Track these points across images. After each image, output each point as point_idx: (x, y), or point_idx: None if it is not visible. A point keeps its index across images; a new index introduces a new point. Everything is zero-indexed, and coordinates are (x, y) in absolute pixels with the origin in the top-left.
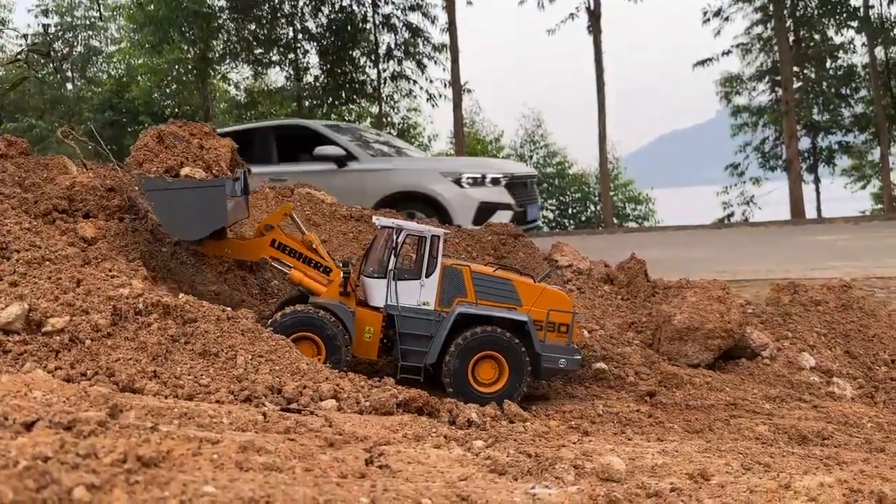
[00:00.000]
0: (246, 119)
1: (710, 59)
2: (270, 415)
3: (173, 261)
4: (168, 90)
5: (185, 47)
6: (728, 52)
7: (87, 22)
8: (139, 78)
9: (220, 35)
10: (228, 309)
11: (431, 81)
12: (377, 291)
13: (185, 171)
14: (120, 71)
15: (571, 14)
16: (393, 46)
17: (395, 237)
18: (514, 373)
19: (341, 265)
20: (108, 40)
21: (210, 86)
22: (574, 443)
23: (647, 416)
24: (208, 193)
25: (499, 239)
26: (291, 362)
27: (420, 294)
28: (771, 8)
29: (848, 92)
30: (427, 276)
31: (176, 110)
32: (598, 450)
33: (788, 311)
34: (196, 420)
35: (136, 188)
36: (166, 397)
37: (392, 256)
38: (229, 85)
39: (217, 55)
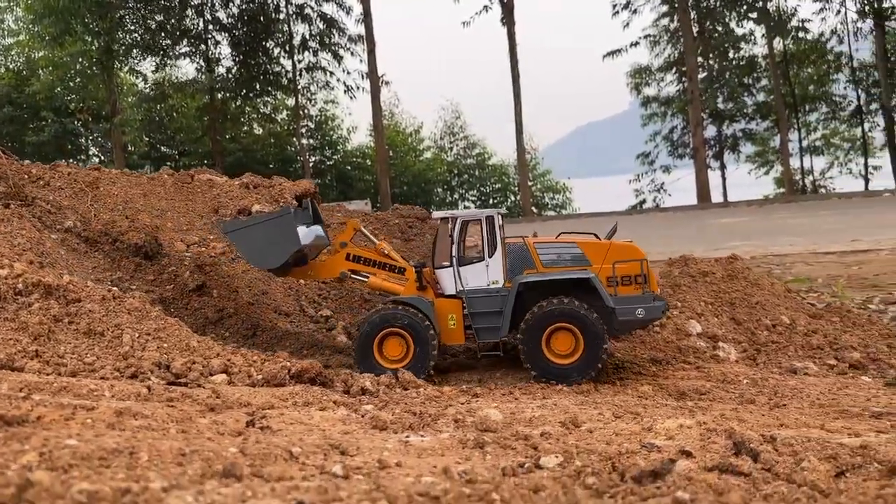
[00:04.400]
0: (155, 113)
1: (618, 50)
2: (155, 388)
3: (64, 247)
4: (72, 84)
5: (89, 39)
6: (636, 44)
7: None
8: (40, 71)
9: (125, 26)
10: (115, 289)
11: (349, 73)
12: (449, 280)
13: (255, 207)
14: (19, 64)
15: (485, 6)
16: (308, 37)
17: (451, 226)
18: (589, 341)
19: (416, 266)
20: (5, 32)
21: (117, 79)
22: (462, 403)
23: (543, 382)
24: (279, 222)
25: (406, 222)
26: (181, 340)
27: (488, 274)
28: (676, 0)
29: (750, 81)
30: (490, 256)
31: (80, 105)
32: (482, 407)
33: (678, 282)
34: (74, 392)
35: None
36: (48, 375)
37: (452, 245)
38: (137, 78)
39: (123, 47)
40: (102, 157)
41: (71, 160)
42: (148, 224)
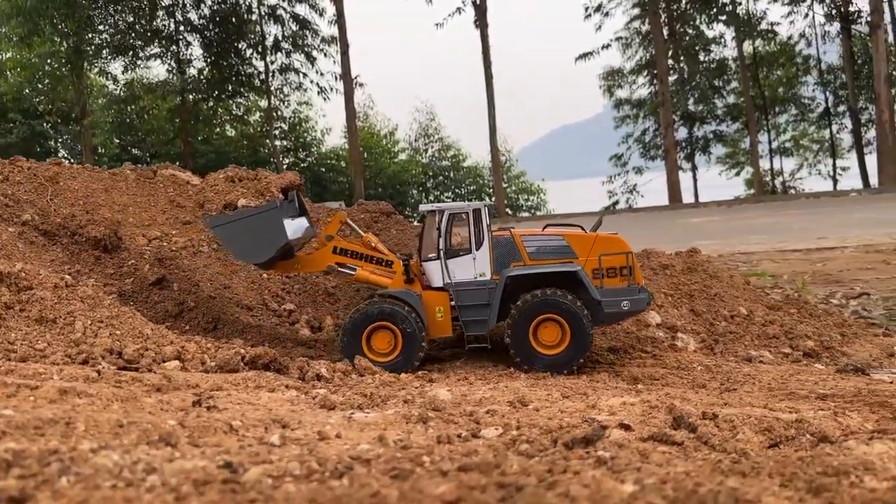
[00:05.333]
0: (126, 115)
1: (590, 53)
2: (105, 372)
3: (21, 240)
4: (40, 85)
5: (58, 40)
6: (607, 46)
7: None
8: (8, 73)
9: (94, 26)
10: (68, 277)
11: (322, 74)
12: (436, 273)
13: (241, 202)
14: None
15: (458, 8)
16: (280, 38)
17: (439, 219)
18: (575, 331)
19: (403, 258)
20: None
21: (86, 80)
22: (416, 387)
23: (502, 371)
24: (265, 216)
25: (371, 217)
26: (134, 327)
27: (475, 266)
28: (646, 2)
29: (720, 84)
30: (478, 249)
31: (49, 106)
32: (434, 390)
33: None
34: (21, 374)
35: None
36: None
37: (440, 237)
38: (107, 79)
39: (92, 48)
40: (72, 160)
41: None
42: (108, 218)
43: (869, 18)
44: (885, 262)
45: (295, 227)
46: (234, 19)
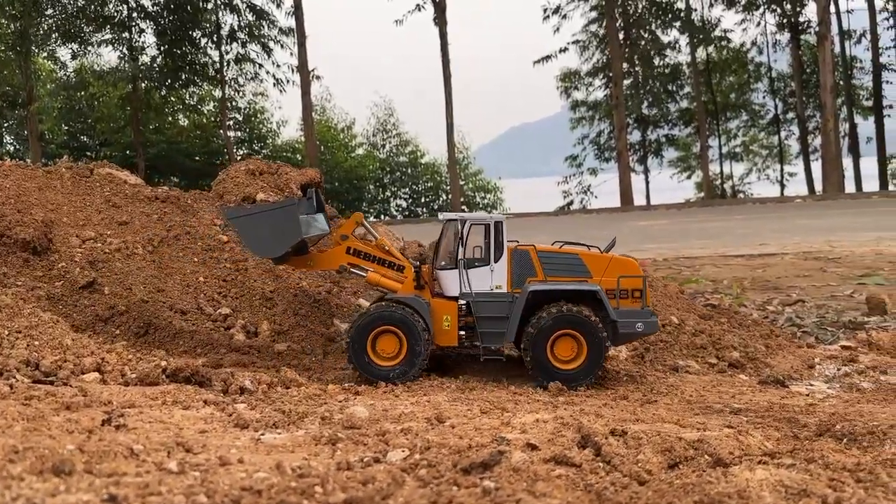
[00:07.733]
0: (75, 102)
1: (548, 57)
2: (18, 386)
3: None
4: None
5: (4, 22)
6: (565, 50)
7: None
8: None
9: (42, 10)
10: None
11: (278, 66)
12: (451, 282)
13: (259, 196)
14: None
15: (418, 5)
16: (236, 28)
17: (460, 228)
18: (592, 348)
19: (417, 262)
20: None
21: (34, 65)
22: (340, 401)
23: (433, 381)
24: (283, 213)
25: None
26: (54, 338)
27: (492, 279)
28: (603, 5)
29: (674, 88)
30: (496, 261)
31: None
32: (354, 406)
33: None
34: None
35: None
36: None
37: (460, 247)
38: (56, 65)
39: (42, 32)
40: (17, 146)
41: None
42: (41, 219)
43: (817, 29)
44: (821, 269)
45: (311, 223)
46: (188, 7)
